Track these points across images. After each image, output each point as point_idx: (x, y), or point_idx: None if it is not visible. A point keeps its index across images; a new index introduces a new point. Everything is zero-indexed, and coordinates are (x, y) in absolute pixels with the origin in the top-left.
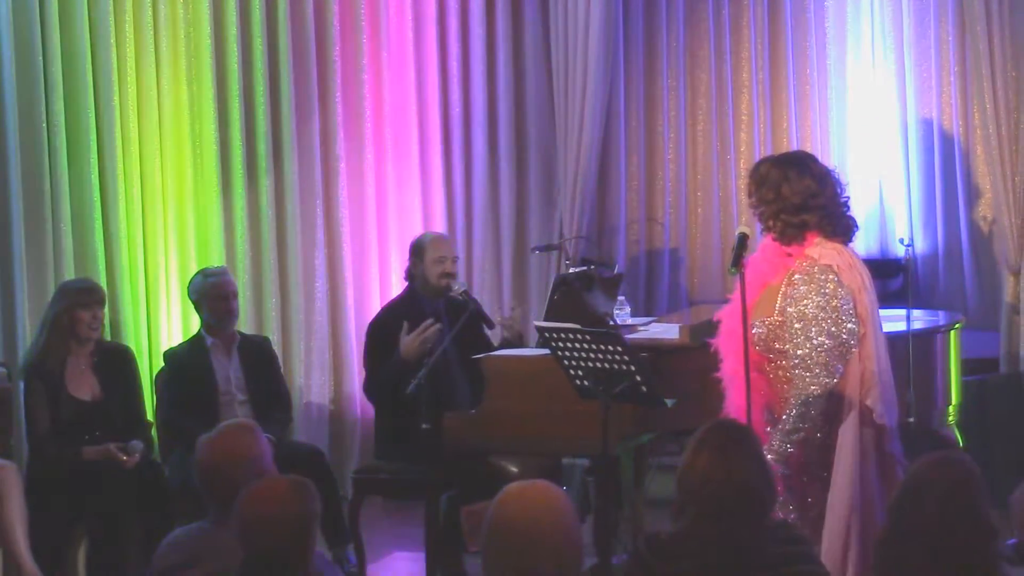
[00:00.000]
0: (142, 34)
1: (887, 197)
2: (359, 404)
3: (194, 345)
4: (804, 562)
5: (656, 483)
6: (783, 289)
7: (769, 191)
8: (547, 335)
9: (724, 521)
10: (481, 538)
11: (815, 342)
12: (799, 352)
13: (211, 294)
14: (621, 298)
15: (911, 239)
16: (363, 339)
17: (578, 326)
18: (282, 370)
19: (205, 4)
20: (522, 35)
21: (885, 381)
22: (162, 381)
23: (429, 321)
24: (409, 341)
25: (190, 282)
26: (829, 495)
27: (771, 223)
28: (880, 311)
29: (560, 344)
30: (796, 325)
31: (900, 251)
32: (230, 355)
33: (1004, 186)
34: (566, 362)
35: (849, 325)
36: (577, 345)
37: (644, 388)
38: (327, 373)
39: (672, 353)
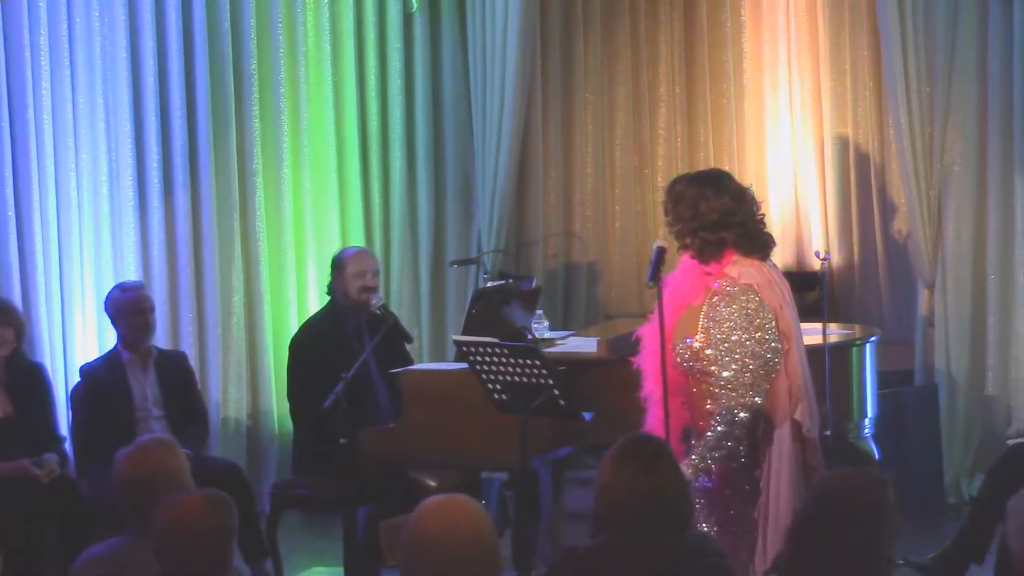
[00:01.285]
0: (58, 47)
1: (803, 211)
2: (277, 419)
3: (110, 360)
4: (722, 575)
5: (574, 497)
6: (704, 310)
7: (686, 209)
8: (465, 349)
9: (645, 535)
10: (399, 553)
11: (740, 364)
12: (724, 374)
13: (128, 308)
14: (539, 312)
15: (827, 253)
16: (281, 354)
17: (496, 340)
18: (199, 385)
19: (121, 18)
20: (440, 49)
21: (810, 395)
22: (78, 396)
23: None
24: None
25: (107, 296)
26: (769, 511)
27: (688, 241)
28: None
29: (478, 358)
30: (720, 347)
31: (816, 264)
32: (146, 370)
33: (919, 200)
34: (484, 376)
35: (773, 344)
36: (495, 359)
37: (562, 402)
38: (244, 388)
39: (590, 367)
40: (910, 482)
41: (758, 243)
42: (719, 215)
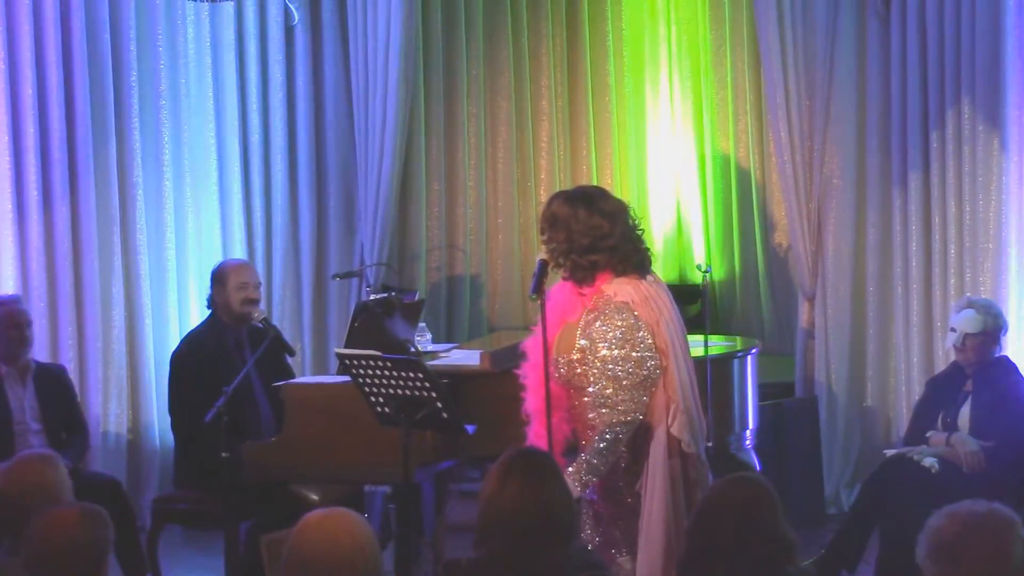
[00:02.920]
0: None
1: (685, 224)
2: (158, 433)
3: None
4: None
5: (457, 510)
6: (580, 327)
7: (559, 232)
8: (347, 362)
9: (528, 547)
10: (281, 567)
11: (615, 379)
12: (601, 390)
13: (4, 322)
14: (422, 324)
15: (709, 266)
16: (162, 368)
17: (379, 353)
18: (79, 399)
19: None
20: (322, 61)
21: (691, 410)
22: None
23: None
24: None
25: None
26: (643, 525)
27: (562, 261)
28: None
29: (361, 371)
30: (596, 363)
31: (698, 278)
32: (25, 384)
33: (799, 214)
34: (367, 389)
35: (649, 362)
36: (378, 372)
37: (445, 415)
38: (125, 402)
39: (473, 379)
40: (790, 493)
41: (633, 262)
42: (590, 239)
